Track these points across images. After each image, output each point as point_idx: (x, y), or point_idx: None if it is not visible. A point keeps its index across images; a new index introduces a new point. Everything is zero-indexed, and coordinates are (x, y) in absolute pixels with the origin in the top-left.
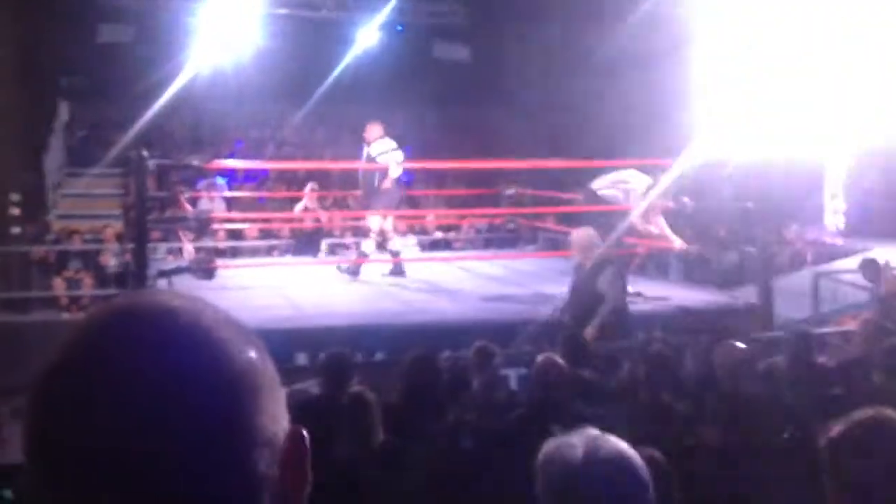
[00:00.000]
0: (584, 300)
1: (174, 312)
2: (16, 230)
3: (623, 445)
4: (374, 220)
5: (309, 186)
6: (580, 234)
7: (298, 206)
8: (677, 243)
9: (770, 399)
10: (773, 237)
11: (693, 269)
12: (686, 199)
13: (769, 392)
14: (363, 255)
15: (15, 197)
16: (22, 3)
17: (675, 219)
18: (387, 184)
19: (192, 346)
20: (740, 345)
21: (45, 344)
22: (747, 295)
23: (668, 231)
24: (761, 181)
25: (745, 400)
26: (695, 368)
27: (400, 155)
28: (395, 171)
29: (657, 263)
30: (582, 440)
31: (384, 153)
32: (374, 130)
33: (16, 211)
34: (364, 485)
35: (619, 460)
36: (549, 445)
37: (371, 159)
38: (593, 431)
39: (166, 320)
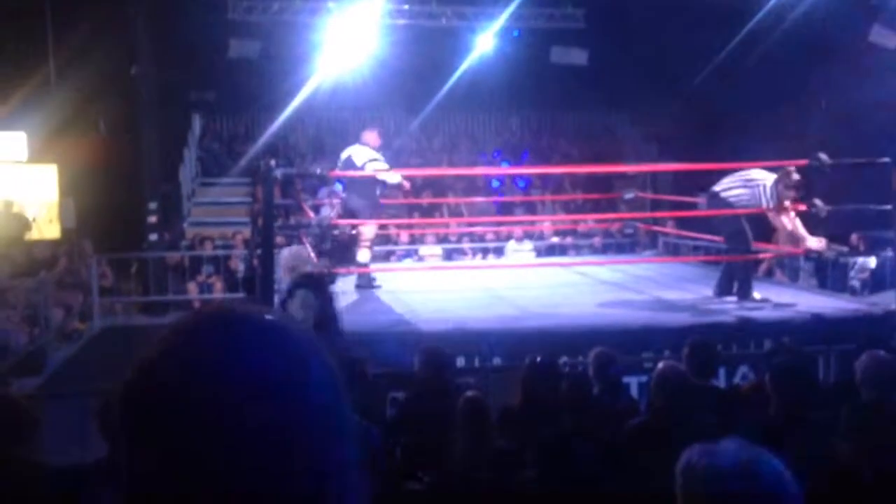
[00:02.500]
0: None
1: (255, 321)
2: (153, 237)
3: (766, 453)
4: (366, 230)
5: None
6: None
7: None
8: (812, 242)
9: None
10: None
11: (826, 275)
12: (818, 202)
13: None
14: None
15: (153, 206)
16: (159, 23)
17: (808, 222)
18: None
19: (274, 352)
20: (885, 354)
21: None
22: (886, 301)
23: (801, 228)
24: None
25: (887, 412)
26: (832, 377)
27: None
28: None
29: (787, 269)
30: (726, 447)
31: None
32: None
33: (153, 219)
34: (478, 488)
35: (764, 467)
36: (691, 451)
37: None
38: (735, 439)
39: (248, 327)
